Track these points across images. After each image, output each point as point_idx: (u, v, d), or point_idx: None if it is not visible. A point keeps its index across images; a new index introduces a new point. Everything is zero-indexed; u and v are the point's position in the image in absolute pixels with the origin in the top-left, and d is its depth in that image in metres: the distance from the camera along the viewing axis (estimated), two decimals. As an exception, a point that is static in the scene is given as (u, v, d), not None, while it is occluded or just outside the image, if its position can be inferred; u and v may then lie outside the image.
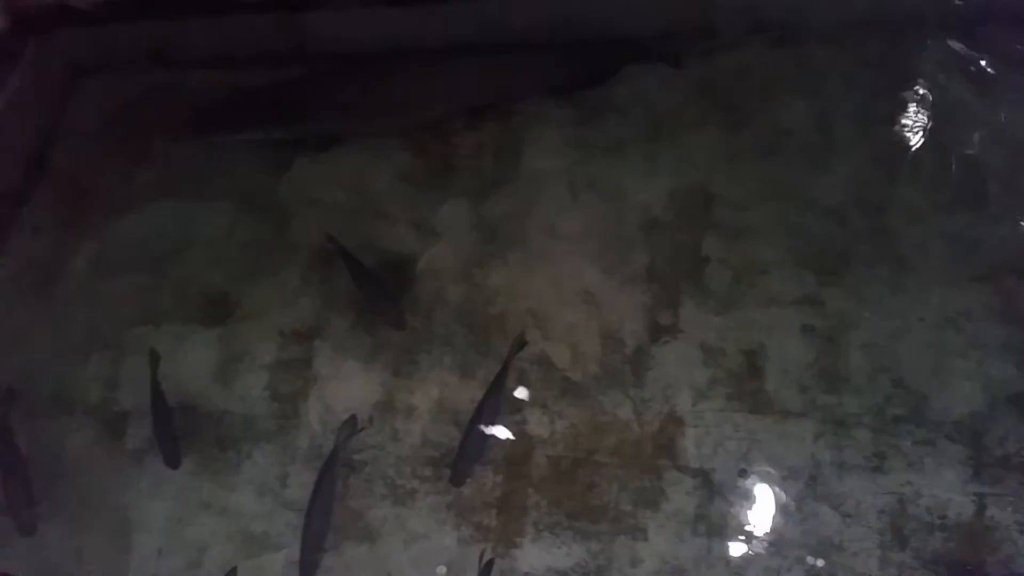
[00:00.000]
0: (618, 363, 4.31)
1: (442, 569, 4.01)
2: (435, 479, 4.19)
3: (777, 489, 3.96)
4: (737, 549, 3.88)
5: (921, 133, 4.59)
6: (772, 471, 3.99)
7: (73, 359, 4.75)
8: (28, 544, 4.26)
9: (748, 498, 3.97)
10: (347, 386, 4.46)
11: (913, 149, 4.56)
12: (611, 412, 4.22)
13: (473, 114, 5.06)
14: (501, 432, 4.20)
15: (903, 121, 4.62)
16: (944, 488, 3.87)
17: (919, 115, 4.64)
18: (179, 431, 4.33)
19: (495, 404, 4.14)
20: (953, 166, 4.50)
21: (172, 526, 4.27)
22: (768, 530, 3.90)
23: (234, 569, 3.99)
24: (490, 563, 3.85)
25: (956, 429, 3.96)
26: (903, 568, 3.78)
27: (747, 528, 3.92)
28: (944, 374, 4.06)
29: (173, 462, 4.29)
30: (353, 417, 4.23)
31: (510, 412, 4.23)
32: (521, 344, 4.26)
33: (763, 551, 3.87)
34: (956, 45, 4.75)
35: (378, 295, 4.51)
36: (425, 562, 4.03)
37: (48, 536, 4.25)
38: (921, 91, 4.68)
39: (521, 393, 4.28)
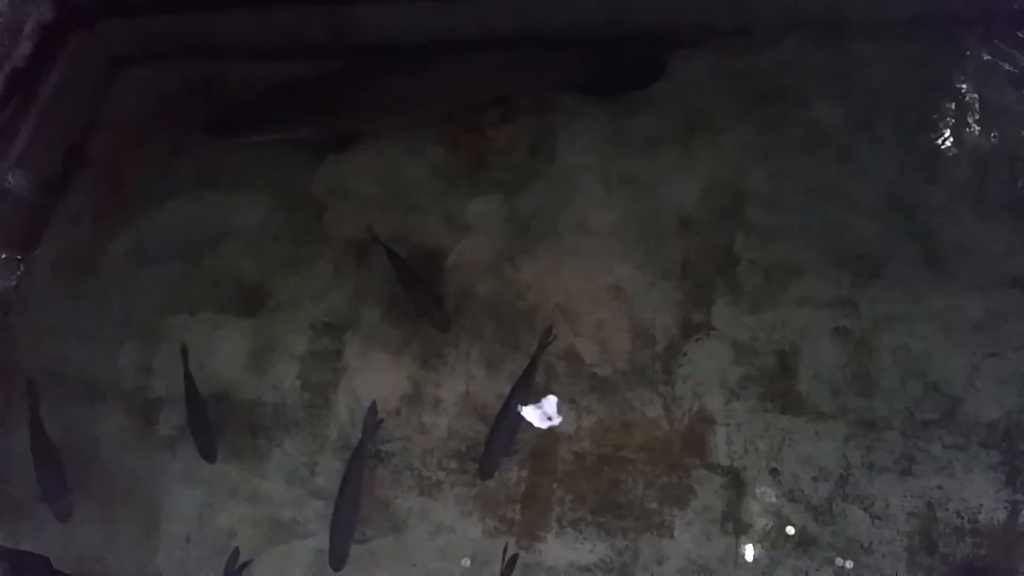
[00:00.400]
0: (648, 360, 4.29)
1: (466, 561, 4.04)
2: (461, 471, 4.20)
3: (807, 489, 3.93)
4: (765, 549, 3.86)
5: (962, 134, 4.51)
6: (802, 472, 3.96)
7: (107, 346, 4.84)
8: (60, 529, 4.35)
9: (777, 498, 3.94)
10: (376, 378, 4.50)
11: (953, 150, 4.47)
12: (639, 409, 4.20)
13: (508, 108, 5.05)
14: (529, 426, 4.20)
15: (944, 121, 4.54)
16: (975, 493, 3.80)
17: (960, 115, 4.55)
18: (212, 424, 4.39)
19: (523, 398, 4.14)
20: (993, 168, 4.41)
21: (201, 512, 4.35)
22: (796, 530, 3.87)
23: (236, 550, 4.08)
24: (514, 558, 3.86)
25: (989, 434, 3.89)
26: (931, 572, 3.73)
27: (775, 528, 3.89)
28: (978, 378, 3.99)
29: (210, 456, 4.35)
30: (373, 404, 4.26)
31: (537, 407, 4.24)
32: (550, 337, 4.26)
33: (791, 552, 3.84)
34: (1000, 45, 4.65)
35: (424, 297, 4.48)
36: (450, 554, 4.06)
37: (79, 521, 4.34)
38: (963, 91, 4.60)
39: (549, 389, 4.28)
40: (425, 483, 4.22)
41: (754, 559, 3.84)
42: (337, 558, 3.97)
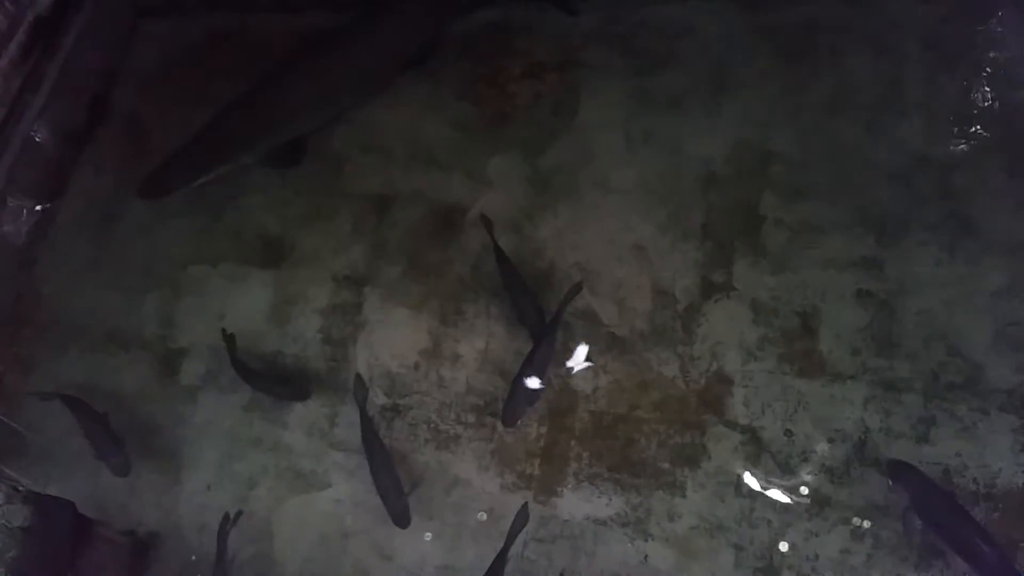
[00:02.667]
0: (667, 320, 4.28)
1: (482, 515, 4.08)
2: (479, 426, 4.23)
3: (824, 451, 3.92)
4: (780, 509, 3.86)
5: (995, 93, 4.40)
6: (819, 433, 3.95)
7: (131, 297, 4.90)
8: (84, 475, 4.44)
9: (793, 459, 3.94)
10: (395, 333, 4.52)
11: (985, 109, 4.36)
12: (657, 369, 4.20)
13: (532, 63, 4.98)
14: (552, 376, 4.20)
15: (976, 79, 4.42)
16: (994, 458, 3.78)
17: (994, 74, 4.43)
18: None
19: (548, 348, 4.13)
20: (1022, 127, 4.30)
21: (223, 461, 4.42)
22: (812, 491, 3.87)
23: (226, 515, 4.13)
24: (524, 511, 3.89)
25: (1010, 399, 3.86)
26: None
27: (791, 489, 3.89)
28: (1002, 343, 3.94)
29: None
30: (358, 376, 4.27)
31: (555, 366, 4.24)
32: (577, 290, 4.24)
33: (806, 512, 3.85)
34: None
35: (527, 304, 4.28)
36: (466, 508, 4.10)
37: (102, 469, 4.42)
38: (996, 49, 4.47)
39: (567, 347, 4.28)
40: (442, 437, 4.26)
41: (768, 519, 3.85)
42: (400, 518, 4.00)
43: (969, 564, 3.53)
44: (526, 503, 3.88)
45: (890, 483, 3.77)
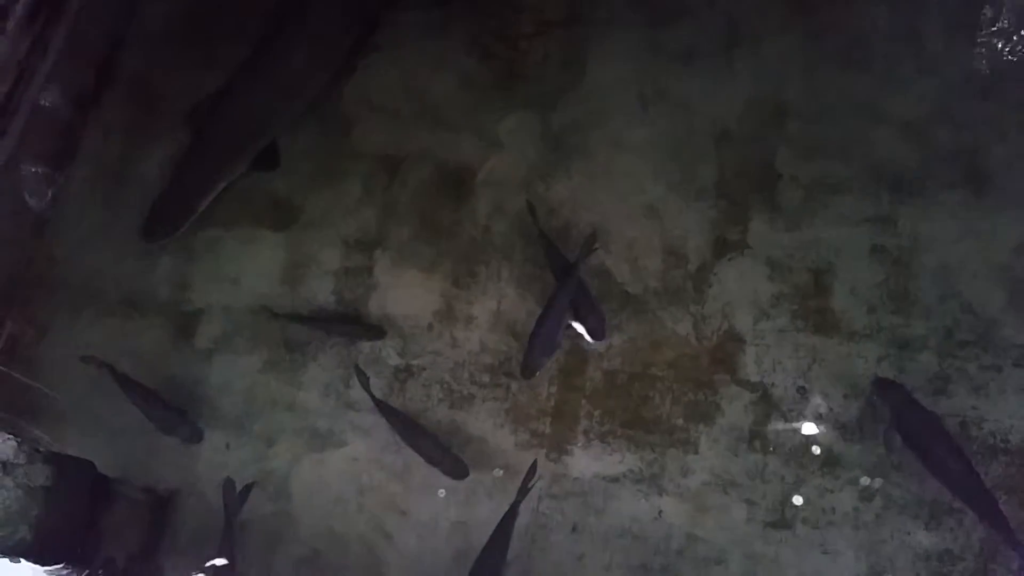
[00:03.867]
0: (680, 279, 4.27)
1: (498, 471, 4.12)
2: (493, 385, 4.26)
3: (837, 408, 3.94)
4: (793, 466, 3.89)
5: (1013, 46, 4.32)
6: (832, 390, 3.96)
7: (144, 261, 4.90)
8: (104, 435, 4.50)
9: (806, 416, 3.95)
10: (407, 294, 4.53)
11: (1003, 62, 4.29)
12: (670, 328, 4.20)
13: (541, 20, 4.91)
14: (570, 329, 4.19)
15: (995, 31, 4.34)
16: (1009, 413, 3.79)
17: (1013, 26, 4.35)
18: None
19: (566, 301, 4.12)
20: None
21: (241, 421, 4.47)
22: (825, 448, 3.90)
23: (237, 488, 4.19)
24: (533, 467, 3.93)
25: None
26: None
27: (803, 446, 3.92)
28: (1018, 299, 3.93)
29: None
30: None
31: (568, 326, 4.24)
32: (592, 243, 4.22)
33: (818, 469, 3.88)
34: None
35: (588, 306, 4.18)
36: (481, 465, 4.14)
37: (122, 429, 4.47)
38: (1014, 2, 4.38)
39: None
40: (456, 397, 4.29)
41: (781, 476, 3.89)
42: (456, 470, 4.08)
43: (945, 485, 3.62)
44: (535, 460, 3.92)
45: (875, 399, 3.82)
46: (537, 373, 4.10)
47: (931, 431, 3.69)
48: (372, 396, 4.22)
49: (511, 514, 3.83)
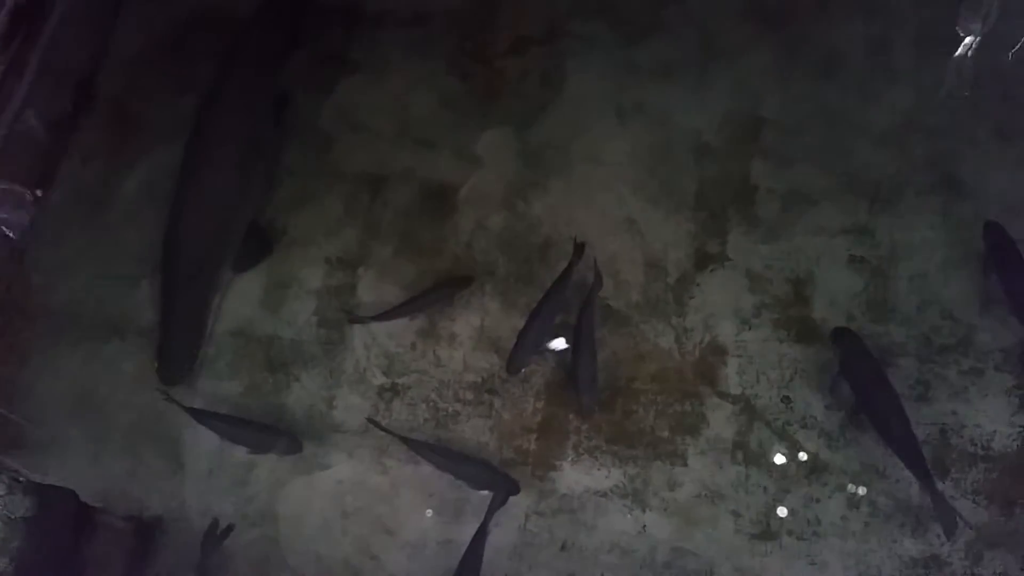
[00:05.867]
0: (661, 292, 4.30)
1: (484, 491, 4.10)
2: (477, 403, 4.25)
3: (819, 417, 3.95)
4: (777, 476, 3.90)
5: (985, 57, 4.39)
6: (815, 400, 3.98)
7: (124, 284, 4.85)
8: (86, 463, 4.44)
9: (789, 426, 3.97)
10: (391, 313, 4.52)
11: (975, 73, 4.36)
12: (652, 341, 4.22)
13: (517, 37, 4.94)
14: (559, 330, 4.22)
15: (965, 43, 4.41)
16: (989, 419, 3.83)
17: (984, 37, 4.42)
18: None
19: (556, 302, 4.14)
20: (1018, 88, 4.30)
21: (223, 446, 4.41)
22: (809, 457, 3.91)
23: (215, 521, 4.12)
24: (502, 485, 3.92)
25: (1005, 359, 3.90)
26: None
27: (787, 455, 3.93)
28: (995, 303, 3.97)
29: None
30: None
31: (550, 341, 4.25)
32: (581, 249, 4.23)
33: (804, 478, 3.89)
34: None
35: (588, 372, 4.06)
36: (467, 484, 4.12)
37: (103, 455, 4.42)
38: (985, 11, 4.45)
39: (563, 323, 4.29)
40: (441, 415, 4.27)
41: (765, 486, 3.90)
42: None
43: (879, 434, 3.74)
44: (507, 474, 3.92)
45: (832, 347, 3.92)
46: (522, 371, 4.12)
47: (875, 380, 3.75)
48: (400, 437, 4.14)
49: (480, 534, 3.80)
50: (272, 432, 4.29)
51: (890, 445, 3.71)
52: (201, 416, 4.34)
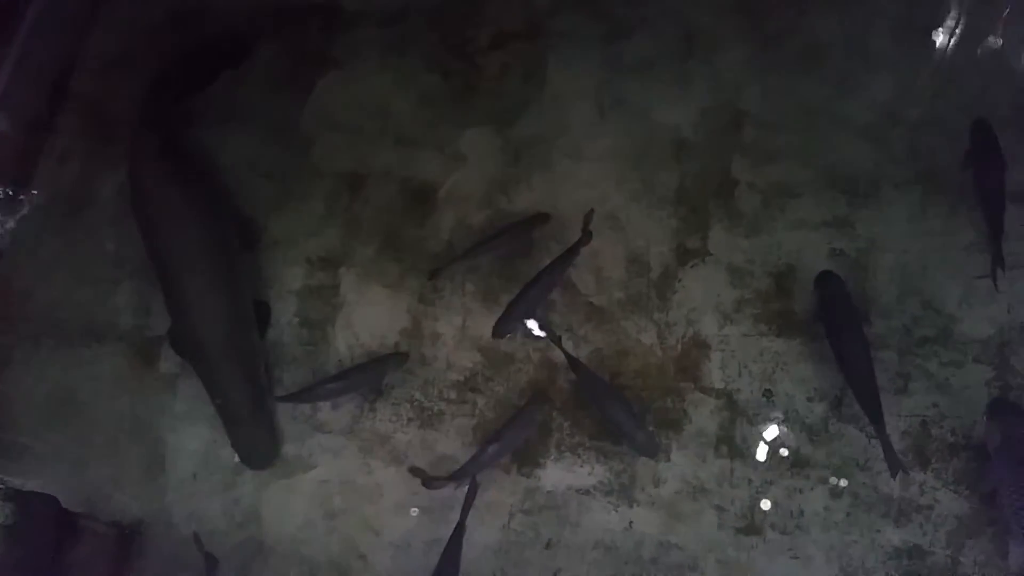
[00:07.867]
0: (643, 288, 4.30)
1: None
2: (460, 402, 4.25)
3: (802, 410, 3.97)
4: (760, 469, 3.92)
5: (962, 49, 4.41)
6: (797, 393, 4.00)
7: (103, 287, 4.82)
8: (67, 469, 4.41)
9: (772, 419, 3.99)
10: (373, 312, 4.50)
11: (953, 66, 4.38)
12: (635, 336, 4.22)
13: (498, 33, 4.93)
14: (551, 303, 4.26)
15: (943, 36, 4.44)
16: (969, 410, 3.85)
17: (960, 30, 4.45)
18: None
19: (552, 276, 4.16)
20: (993, 84, 4.33)
21: (207, 449, 4.40)
22: (792, 451, 3.93)
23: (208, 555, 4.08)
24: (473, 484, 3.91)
25: (984, 350, 3.93)
26: (924, 488, 3.82)
27: (770, 449, 3.95)
28: (974, 295, 4.01)
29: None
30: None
31: (535, 340, 4.27)
32: (589, 234, 4.19)
33: (787, 471, 3.91)
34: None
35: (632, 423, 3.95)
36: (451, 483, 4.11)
37: (85, 462, 4.39)
38: (962, 5, 4.48)
39: (548, 319, 4.29)
40: (426, 415, 4.26)
41: (749, 479, 3.91)
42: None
43: (844, 377, 3.83)
44: (474, 477, 3.90)
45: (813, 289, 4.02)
46: (507, 336, 4.14)
47: (847, 321, 3.81)
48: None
49: (459, 529, 3.80)
50: (371, 364, 4.26)
51: (850, 386, 3.78)
52: (306, 395, 4.26)
